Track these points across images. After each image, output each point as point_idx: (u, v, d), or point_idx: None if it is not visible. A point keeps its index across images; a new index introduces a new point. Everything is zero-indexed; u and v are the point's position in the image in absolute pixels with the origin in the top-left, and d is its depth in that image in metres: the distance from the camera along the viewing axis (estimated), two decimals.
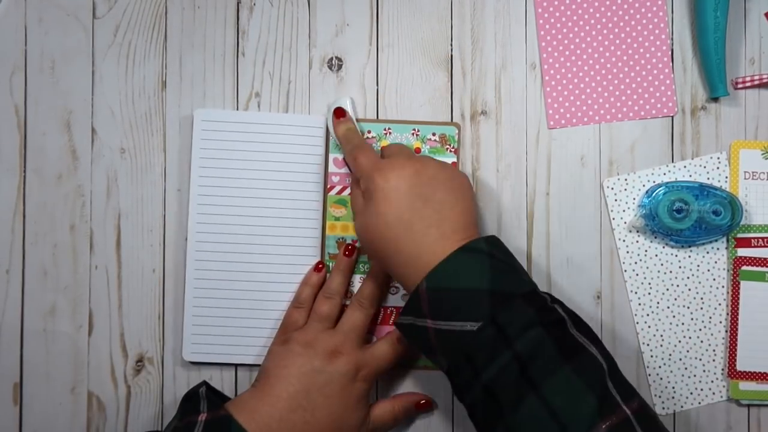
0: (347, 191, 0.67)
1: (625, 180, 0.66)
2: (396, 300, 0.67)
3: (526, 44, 0.68)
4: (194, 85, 0.68)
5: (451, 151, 0.66)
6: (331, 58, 0.68)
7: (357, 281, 0.66)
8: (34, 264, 0.67)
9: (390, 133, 0.67)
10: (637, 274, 0.66)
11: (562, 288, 0.66)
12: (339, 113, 0.65)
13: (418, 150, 0.66)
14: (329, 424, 0.58)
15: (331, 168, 0.67)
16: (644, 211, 0.65)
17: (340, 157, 0.67)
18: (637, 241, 0.66)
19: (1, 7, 0.68)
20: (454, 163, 0.66)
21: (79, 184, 0.67)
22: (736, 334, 0.65)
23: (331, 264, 0.66)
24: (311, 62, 0.68)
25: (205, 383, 0.64)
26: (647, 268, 0.66)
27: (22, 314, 0.67)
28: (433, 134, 0.66)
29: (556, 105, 0.67)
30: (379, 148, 0.66)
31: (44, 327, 0.67)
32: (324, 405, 0.58)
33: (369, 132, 0.67)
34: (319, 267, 0.66)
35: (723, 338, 0.66)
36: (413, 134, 0.66)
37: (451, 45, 0.68)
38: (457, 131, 0.66)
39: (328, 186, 0.67)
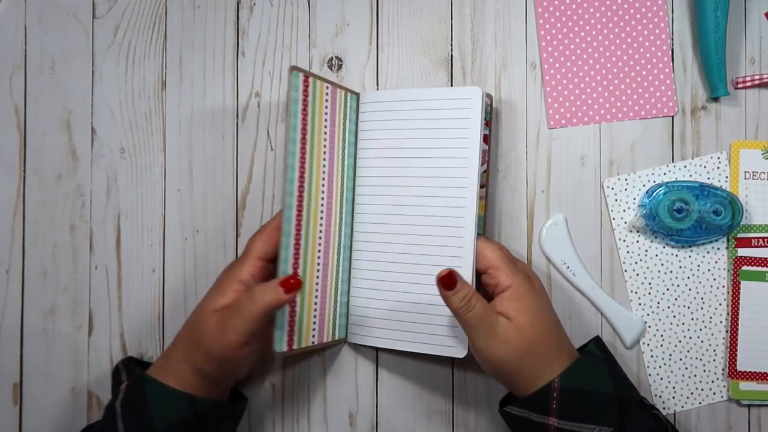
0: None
1: (626, 180, 0.66)
2: None
3: (526, 44, 0.68)
4: (194, 85, 0.68)
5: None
6: (331, 58, 0.68)
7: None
8: (34, 264, 0.67)
9: None
10: (637, 274, 0.66)
11: (563, 288, 0.66)
12: (448, 284, 0.56)
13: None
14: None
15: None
16: (644, 211, 0.65)
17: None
18: (638, 241, 0.66)
19: (1, 7, 0.68)
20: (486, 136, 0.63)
21: (79, 183, 0.67)
22: (737, 334, 0.65)
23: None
24: (311, 62, 0.68)
25: (127, 357, 0.64)
26: (647, 268, 0.66)
27: (22, 314, 0.67)
28: None
29: (556, 105, 0.67)
30: None
31: (44, 327, 0.67)
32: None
33: None
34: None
35: (723, 338, 0.66)
36: None
37: (451, 45, 0.68)
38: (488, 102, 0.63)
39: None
